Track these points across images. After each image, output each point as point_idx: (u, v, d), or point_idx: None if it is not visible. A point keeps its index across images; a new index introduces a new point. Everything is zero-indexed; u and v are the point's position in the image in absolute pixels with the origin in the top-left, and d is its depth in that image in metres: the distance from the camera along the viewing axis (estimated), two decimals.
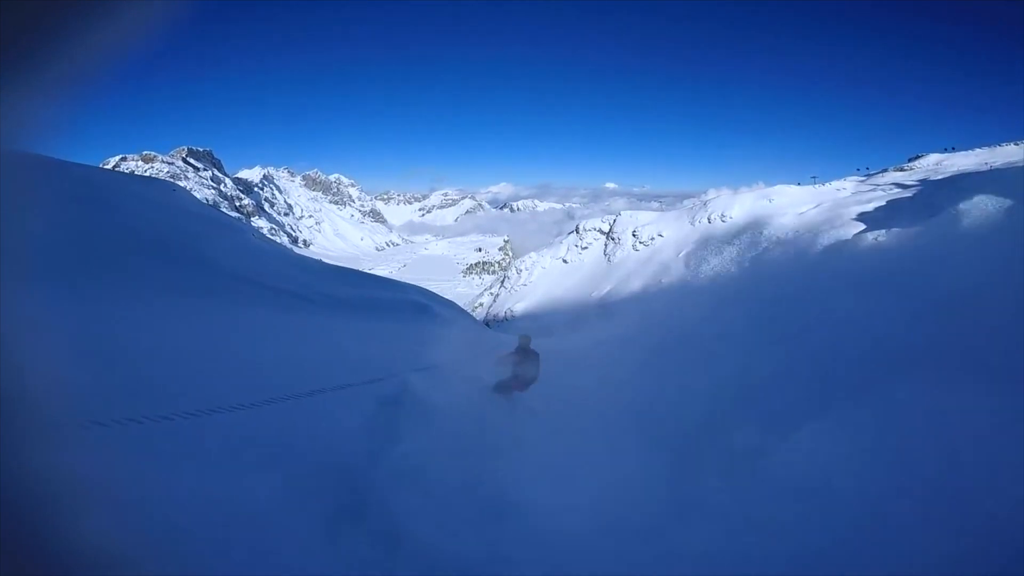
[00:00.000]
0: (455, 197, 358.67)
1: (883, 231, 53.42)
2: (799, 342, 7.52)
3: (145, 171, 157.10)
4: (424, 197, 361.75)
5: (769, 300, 11.72)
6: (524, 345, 6.38)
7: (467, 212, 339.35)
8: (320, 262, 26.05)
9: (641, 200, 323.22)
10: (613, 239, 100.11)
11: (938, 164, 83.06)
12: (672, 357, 8.90)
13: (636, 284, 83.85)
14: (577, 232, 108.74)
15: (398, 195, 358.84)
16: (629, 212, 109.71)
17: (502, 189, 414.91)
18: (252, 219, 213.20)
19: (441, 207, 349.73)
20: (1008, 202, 43.26)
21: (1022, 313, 5.11)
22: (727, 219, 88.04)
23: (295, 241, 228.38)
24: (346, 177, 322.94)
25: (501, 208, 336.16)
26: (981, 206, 45.02)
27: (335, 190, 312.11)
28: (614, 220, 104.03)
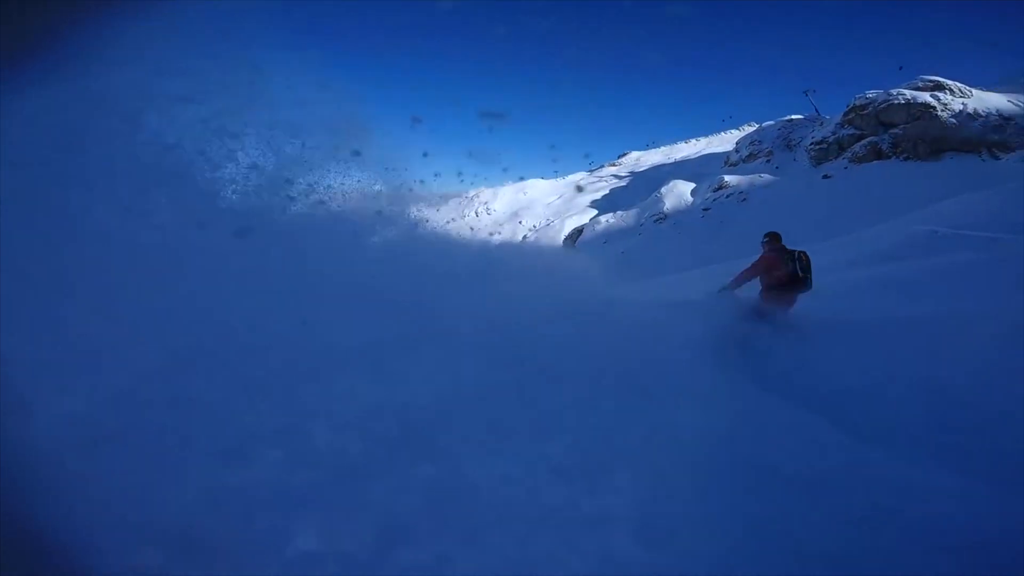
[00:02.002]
0: None
1: (611, 214, 64.64)
2: None
3: None
4: None
5: None
6: (775, 239, 4.53)
7: None
8: None
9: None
10: None
11: (638, 160, 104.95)
12: None
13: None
14: None
15: None
16: None
17: None
18: None
19: None
20: (692, 184, 56.55)
21: None
22: (492, 212, 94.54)
23: None
24: None
25: None
26: (675, 188, 57.82)
27: None
28: None
